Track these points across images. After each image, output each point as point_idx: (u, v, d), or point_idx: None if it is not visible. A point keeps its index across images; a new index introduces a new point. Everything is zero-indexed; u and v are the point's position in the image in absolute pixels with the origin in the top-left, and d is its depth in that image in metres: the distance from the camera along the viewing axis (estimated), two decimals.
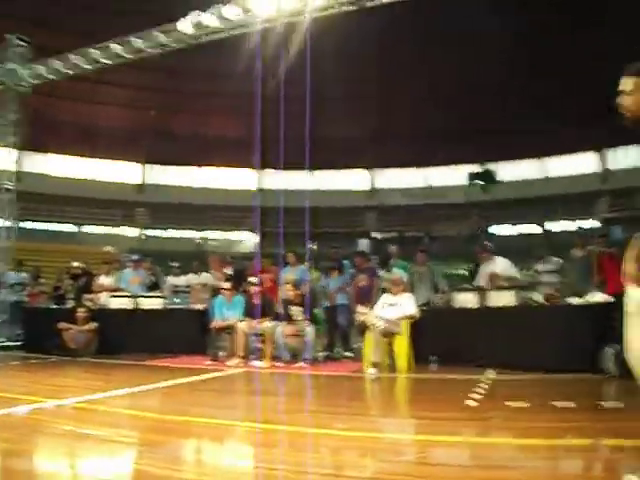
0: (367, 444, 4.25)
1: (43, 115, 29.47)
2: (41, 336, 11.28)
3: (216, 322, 10.03)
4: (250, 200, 38.69)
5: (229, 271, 11.39)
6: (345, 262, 11.61)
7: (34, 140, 27.43)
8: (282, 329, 9.58)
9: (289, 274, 11.02)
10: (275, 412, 5.71)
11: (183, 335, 10.86)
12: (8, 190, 15.68)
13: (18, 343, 12.73)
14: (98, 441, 4.36)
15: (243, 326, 9.61)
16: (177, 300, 11.28)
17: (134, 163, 39.06)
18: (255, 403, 6.46)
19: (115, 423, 5.13)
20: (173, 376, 7.72)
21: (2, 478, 3.42)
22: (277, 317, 9.86)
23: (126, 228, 38.18)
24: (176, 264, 12.31)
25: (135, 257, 12.63)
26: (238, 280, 10.70)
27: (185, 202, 36.97)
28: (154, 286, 12.26)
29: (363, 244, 33.76)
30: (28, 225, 31.92)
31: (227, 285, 10.15)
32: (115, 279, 12.14)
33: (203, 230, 39.68)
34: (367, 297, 10.16)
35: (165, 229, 39.24)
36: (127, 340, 10.79)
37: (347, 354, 10.51)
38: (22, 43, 16.07)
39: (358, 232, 36.53)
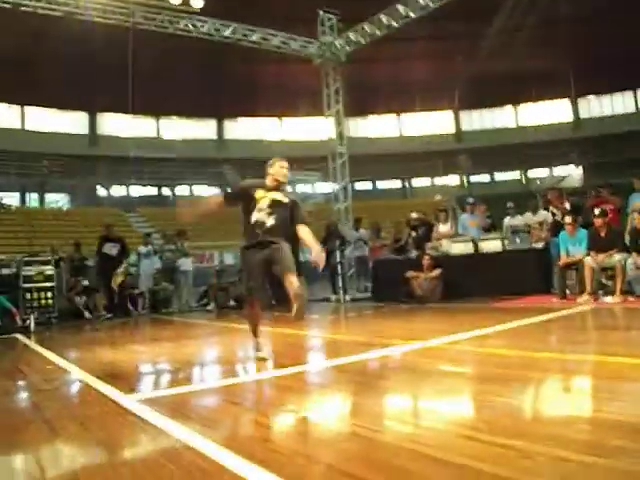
0: None
1: (359, 80, 30.87)
2: (389, 286, 11.97)
3: (562, 259, 9.69)
4: (568, 133, 36.89)
5: (568, 205, 10.90)
6: None
7: (355, 105, 29.01)
8: (633, 261, 8.93)
9: (637, 202, 10.23)
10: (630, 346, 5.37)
11: (525, 275, 10.65)
12: (341, 155, 16.81)
13: (367, 294, 13.66)
14: (464, 378, 4.53)
15: (590, 261, 9.14)
16: (517, 240, 11.09)
17: (448, 111, 39.36)
18: (609, 338, 6.15)
19: (475, 361, 5.27)
20: (520, 316, 7.60)
21: (390, 414, 3.74)
22: (626, 248, 9.22)
23: (449, 177, 38.76)
24: (511, 204, 12.10)
25: (471, 200, 12.71)
26: (578, 214, 10.22)
27: (503, 143, 36.31)
28: (492, 228, 12.26)
29: None
30: (360, 186, 34.01)
31: (569, 219, 9.71)
32: (452, 225, 12.41)
33: (525, 169, 38.76)
34: None
35: (487, 173, 39.06)
36: (469, 284, 10.89)
37: None
38: (331, 16, 16.99)
39: None
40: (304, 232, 5.64)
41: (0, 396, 4.90)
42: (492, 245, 11.33)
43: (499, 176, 39.13)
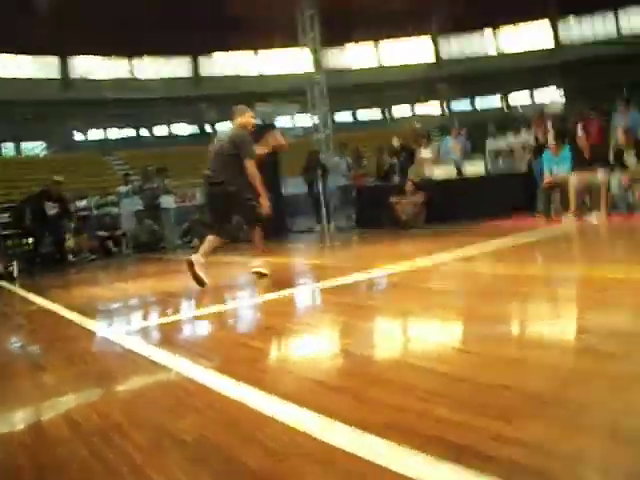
0: None
1: (335, 8, 30.14)
2: (373, 213, 11.90)
3: (546, 178, 9.63)
4: (548, 58, 36.49)
5: (550, 125, 10.80)
6: None
7: (331, 35, 28.45)
8: (617, 178, 8.90)
9: (620, 121, 10.16)
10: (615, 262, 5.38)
11: (508, 198, 10.60)
12: (319, 83, 16.50)
13: (352, 223, 13.60)
14: (451, 294, 4.52)
15: (574, 179, 9.08)
16: (500, 163, 11.02)
17: (425, 38, 38.78)
18: (594, 254, 6.16)
19: (461, 279, 5.31)
20: (505, 237, 7.59)
21: (380, 331, 3.74)
22: (610, 166, 9.17)
23: (429, 105, 38.45)
24: (492, 126, 12.00)
25: (455, 124, 12.58)
26: (560, 135, 10.14)
27: (482, 70, 35.87)
28: (472, 152, 12.16)
29: None
30: (340, 118, 33.63)
31: (552, 138, 9.63)
32: (434, 150, 12.30)
33: (506, 96, 38.47)
34: None
35: (467, 100, 38.74)
36: (453, 208, 10.81)
37: None
38: None
39: None
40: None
41: None
42: (475, 169, 11.25)
43: (480, 104, 38.83)
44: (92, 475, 1.92)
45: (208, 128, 36.07)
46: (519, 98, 37.98)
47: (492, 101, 38.65)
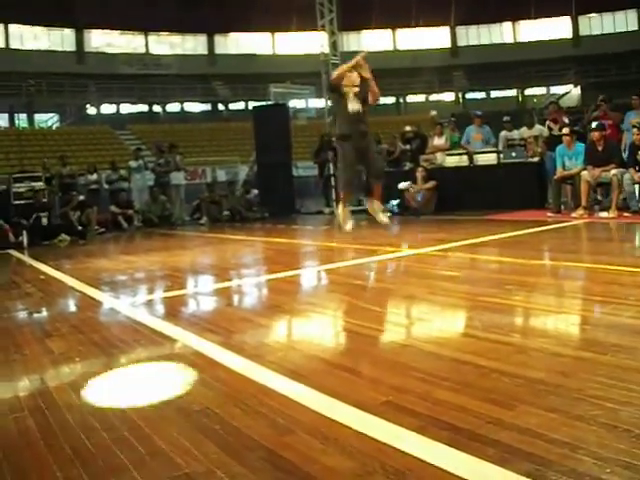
0: None
1: None
2: (383, 198, 11.85)
3: (558, 172, 9.56)
4: (567, 51, 36.09)
5: (566, 119, 10.72)
6: None
7: (349, 20, 28.31)
8: (630, 176, 8.81)
9: (634, 118, 10.05)
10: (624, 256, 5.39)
11: (520, 189, 10.57)
12: (334, 66, 16.32)
13: (362, 207, 13.54)
14: (458, 281, 4.53)
15: (586, 175, 9.01)
16: (512, 154, 10.92)
17: (445, 27, 38.46)
18: (602, 249, 6.15)
19: (468, 267, 5.36)
20: (514, 228, 7.56)
21: (386, 313, 3.78)
22: (623, 164, 9.08)
23: (444, 94, 38.21)
24: (508, 118, 11.89)
25: (478, 112, 12.43)
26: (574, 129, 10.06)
27: (500, 60, 35.53)
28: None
29: None
30: None
31: (567, 131, 9.55)
32: (447, 138, 12.23)
33: (522, 87, 38.15)
34: None
35: (482, 90, 38.46)
36: (464, 197, 10.82)
37: None
38: None
39: None
40: None
41: None
42: (487, 158, 11.18)
43: (495, 93, 38.56)
44: (100, 440, 1.95)
45: (221, 106, 36.02)
46: (535, 91, 37.68)
47: (508, 92, 38.36)
